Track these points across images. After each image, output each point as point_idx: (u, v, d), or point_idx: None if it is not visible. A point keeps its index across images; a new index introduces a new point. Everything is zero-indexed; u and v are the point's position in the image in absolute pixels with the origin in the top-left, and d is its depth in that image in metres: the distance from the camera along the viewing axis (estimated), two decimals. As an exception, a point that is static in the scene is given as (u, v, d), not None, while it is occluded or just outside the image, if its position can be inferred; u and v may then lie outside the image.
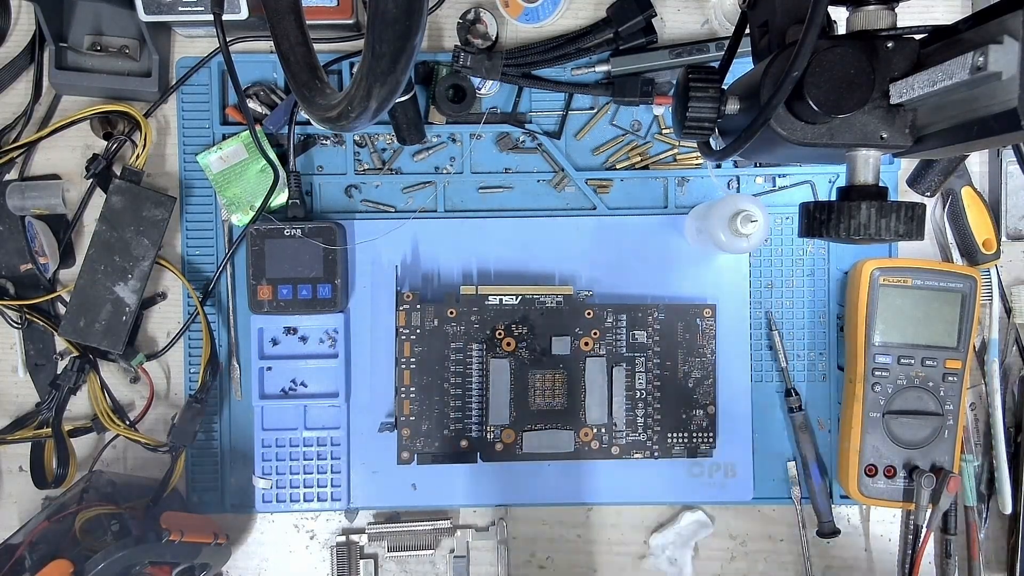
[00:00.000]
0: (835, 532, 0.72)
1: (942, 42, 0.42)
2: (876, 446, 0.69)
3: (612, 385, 0.68)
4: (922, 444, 0.69)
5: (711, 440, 0.70)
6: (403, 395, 0.67)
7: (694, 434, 0.69)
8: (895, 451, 0.69)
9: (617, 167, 0.73)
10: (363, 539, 0.72)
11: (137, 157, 0.69)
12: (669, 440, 0.69)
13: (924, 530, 0.68)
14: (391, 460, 0.68)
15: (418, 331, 0.67)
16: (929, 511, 0.68)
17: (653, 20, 0.69)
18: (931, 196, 0.72)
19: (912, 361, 0.69)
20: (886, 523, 0.74)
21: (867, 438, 0.69)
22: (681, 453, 0.69)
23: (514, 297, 0.67)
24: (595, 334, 0.68)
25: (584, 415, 0.68)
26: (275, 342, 0.70)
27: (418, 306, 0.67)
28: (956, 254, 0.73)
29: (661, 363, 0.69)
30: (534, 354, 0.67)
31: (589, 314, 0.67)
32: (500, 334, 0.67)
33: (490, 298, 0.67)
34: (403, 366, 0.67)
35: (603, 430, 0.68)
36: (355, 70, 0.41)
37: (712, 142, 0.55)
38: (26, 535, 0.62)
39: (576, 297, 0.69)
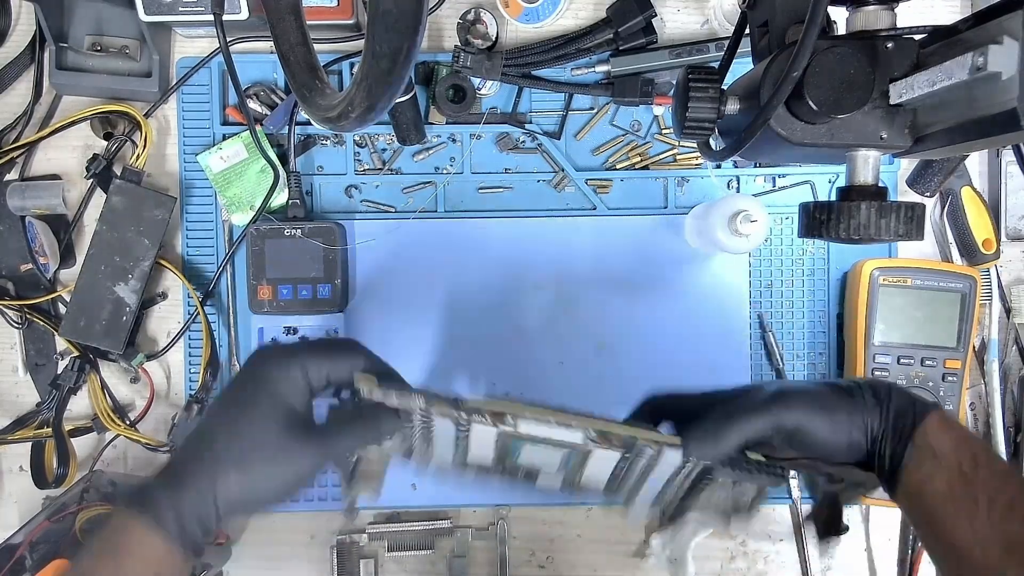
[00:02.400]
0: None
1: (942, 42, 0.42)
2: (876, 446, 0.69)
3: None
4: (922, 444, 0.69)
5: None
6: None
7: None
8: (895, 451, 0.69)
9: (617, 167, 0.73)
10: (363, 539, 0.72)
11: (137, 157, 0.69)
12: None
13: (924, 530, 0.68)
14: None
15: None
16: (929, 511, 0.68)
17: (653, 20, 0.69)
18: (931, 196, 0.72)
19: (912, 361, 0.69)
20: (886, 523, 0.74)
21: (867, 438, 0.69)
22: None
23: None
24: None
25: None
26: (275, 342, 0.70)
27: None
28: (956, 254, 0.73)
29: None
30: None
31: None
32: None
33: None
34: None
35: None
36: (355, 70, 0.41)
37: (712, 142, 0.55)
38: (26, 535, 0.62)
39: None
